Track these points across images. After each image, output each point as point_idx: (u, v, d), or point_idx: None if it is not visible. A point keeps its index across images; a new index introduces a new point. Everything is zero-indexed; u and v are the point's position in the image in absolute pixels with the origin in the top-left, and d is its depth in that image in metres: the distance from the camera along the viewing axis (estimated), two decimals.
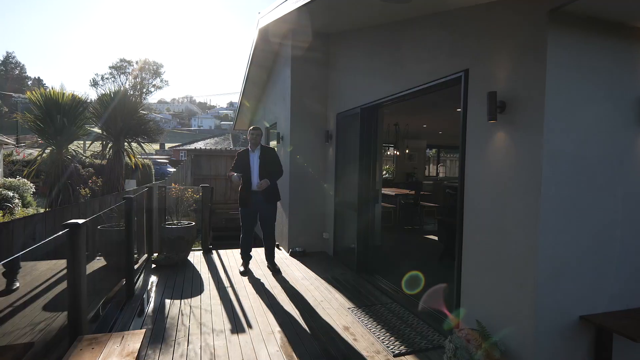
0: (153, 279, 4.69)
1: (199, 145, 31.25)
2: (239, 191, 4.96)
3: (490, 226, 2.75)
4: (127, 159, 9.38)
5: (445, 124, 9.68)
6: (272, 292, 4.24)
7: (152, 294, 4.14)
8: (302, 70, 6.03)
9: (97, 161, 11.46)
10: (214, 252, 6.05)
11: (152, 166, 16.04)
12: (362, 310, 3.77)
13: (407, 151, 11.17)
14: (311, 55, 6.00)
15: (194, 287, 4.35)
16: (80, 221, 2.26)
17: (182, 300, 3.95)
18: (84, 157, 12.85)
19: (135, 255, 5.34)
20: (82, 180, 10.52)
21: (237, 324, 3.39)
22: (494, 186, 2.71)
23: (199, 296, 4.08)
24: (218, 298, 4.03)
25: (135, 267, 4.91)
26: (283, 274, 4.95)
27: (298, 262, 5.58)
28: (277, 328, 3.33)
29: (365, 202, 4.90)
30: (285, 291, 4.29)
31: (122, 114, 8.36)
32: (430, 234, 7.95)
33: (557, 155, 2.36)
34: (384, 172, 12.82)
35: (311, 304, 3.92)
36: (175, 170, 11.29)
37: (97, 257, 5.56)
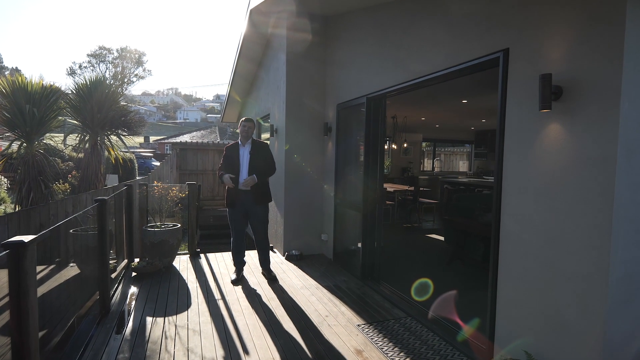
0: (133, 290, 4.14)
1: (185, 138, 30.36)
2: (226, 189, 4.43)
3: (538, 237, 2.29)
4: (106, 152, 8.70)
5: (446, 117, 9.27)
6: (270, 306, 3.74)
7: (132, 310, 3.59)
8: (299, 56, 5.48)
9: (76, 155, 10.73)
10: (202, 256, 5.51)
11: (134, 160, 15.24)
12: (374, 328, 3.31)
13: (404, 145, 10.73)
14: (308, 39, 5.46)
15: (180, 301, 3.82)
16: (27, 239, 1.71)
17: (166, 318, 3.41)
18: (63, 151, 12.05)
19: (114, 262, 4.77)
20: (61, 175, 9.79)
21: (232, 350, 2.88)
22: (544, 189, 2.25)
23: (186, 312, 3.55)
24: (208, 314, 3.51)
25: (113, 275, 4.35)
26: (280, 282, 4.45)
27: (295, 266, 5.09)
28: (278, 354, 2.83)
29: (371, 201, 4.42)
30: (284, 304, 3.79)
31: (99, 104, 7.67)
32: (431, 233, 7.54)
33: (632, 152, 1.91)
34: None
35: (315, 320, 3.44)
36: (159, 164, 10.62)
37: (71, 265, 4.98)
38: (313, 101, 5.60)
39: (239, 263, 4.53)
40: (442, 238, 6.89)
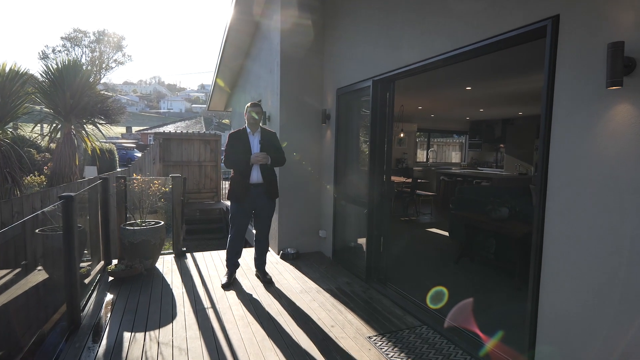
0: (109, 297, 3.64)
1: (169, 128, 29.42)
2: (231, 180, 3.99)
3: (597, 243, 1.91)
4: (83, 143, 8.04)
5: (445, 105, 8.88)
6: (267, 315, 3.31)
7: (107, 323, 3.11)
8: (293, 36, 4.97)
9: (47, 144, 10.00)
10: (188, 255, 5.02)
11: (115, 151, 14.48)
12: (387, 340, 2.91)
13: (401, 135, 10.35)
14: (304, 16, 4.95)
15: (164, 311, 3.35)
16: None
17: (147, 333, 2.95)
18: (35, 139, 11.23)
19: (88, 265, 4.26)
20: (36, 167, 9.08)
21: None
22: (607, 185, 1.86)
23: (170, 325, 3.09)
24: (196, 327, 3.06)
25: (87, 280, 3.85)
26: (276, 285, 4.02)
27: (292, 266, 4.67)
28: None
29: (378, 195, 4.00)
30: (282, 312, 3.36)
31: (72, 89, 7.00)
32: (431, 227, 7.20)
33: None
34: None
35: (319, 332, 3.02)
36: (140, 155, 9.98)
37: (38, 269, 4.44)
38: (310, 86, 5.12)
39: (233, 265, 4.08)
40: (443, 232, 6.57)
